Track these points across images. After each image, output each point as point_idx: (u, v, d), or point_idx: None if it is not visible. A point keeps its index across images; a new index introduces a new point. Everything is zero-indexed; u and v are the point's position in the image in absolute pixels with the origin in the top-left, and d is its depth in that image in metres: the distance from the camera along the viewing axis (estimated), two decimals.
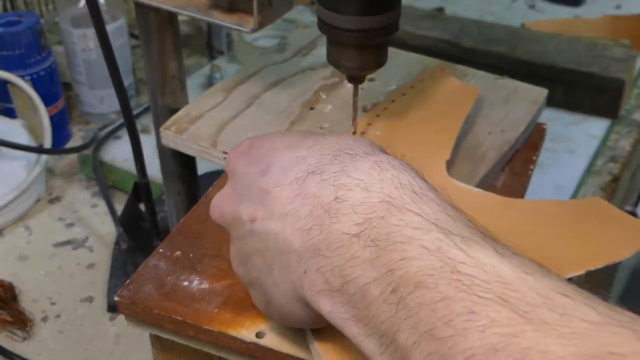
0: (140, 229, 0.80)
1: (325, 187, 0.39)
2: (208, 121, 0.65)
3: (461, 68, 0.75)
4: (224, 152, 0.61)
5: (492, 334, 0.30)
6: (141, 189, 0.75)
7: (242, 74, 0.72)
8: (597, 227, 0.52)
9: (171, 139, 0.64)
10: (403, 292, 0.34)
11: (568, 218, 0.53)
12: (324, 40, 0.76)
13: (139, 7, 0.63)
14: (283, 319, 0.44)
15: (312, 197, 0.39)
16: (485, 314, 0.31)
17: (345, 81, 0.67)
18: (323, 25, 0.55)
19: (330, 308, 0.38)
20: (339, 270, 0.37)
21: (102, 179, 0.95)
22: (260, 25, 0.57)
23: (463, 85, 0.70)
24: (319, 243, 0.38)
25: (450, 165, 0.60)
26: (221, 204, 0.46)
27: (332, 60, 0.57)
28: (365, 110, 0.67)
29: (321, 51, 0.76)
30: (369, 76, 0.60)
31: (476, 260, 0.33)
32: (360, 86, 0.59)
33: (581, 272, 0.47)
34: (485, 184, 0.61)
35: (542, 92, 0.72)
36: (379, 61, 0.57)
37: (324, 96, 0.69)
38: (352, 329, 0.37)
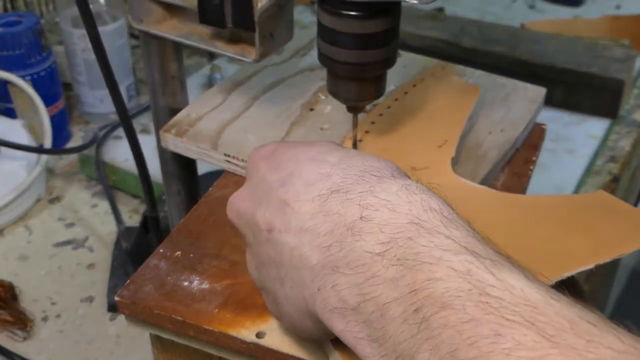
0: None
1: (350, 206, 0.39)
2: (208, 123, 0.65)
3: (459, 67, 0.75)
4: (226, 154, 0.61)
5: (517, 357, 0.30)
6: (150, 222, 0.75)
7: (241, 75, 0.72)
8: (604, 221, 0.52)
9: (171, 142, 0.64)
10: (427, 313, 0.33)
11: (574, 212, 0.53)
12: None
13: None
14: (294, 329, 0.44)
15: (334, 214, 0.39)
16: (512, 337, 0.31)
17: None
18: (322, 57, 0.55)
19: (343, 327, 0.37)
20: (358, 288, 0.36)
21: (104, 178, 0.95)
22: (262, 56, 0.58)
23: (465, 84, 0.71)
24: (338, 260, 0.38)
25: (454, 162, 0.60)
26: (239, 203, 0.46)
27: (331, 90, 0.58)
28: (365, 111, 0.67)
29: None
30: None
31: (505, 283, 0.33)
32: None
33: (590, 266, 0.47)
34: (487, 184, 0.62)
35: (540, 91, 0.72)
36: (377, 93, 0.58)
37: (323, 97, 0.69)
38: (365, 349, 0.36)
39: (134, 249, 0.81)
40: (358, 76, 0.55)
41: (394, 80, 0.71)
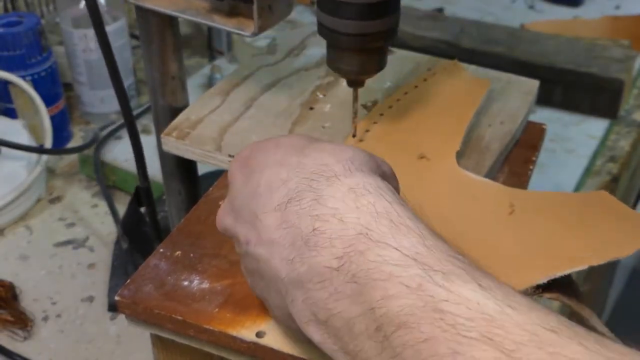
0: (142, 233, 0.81)
1: (303, 218, 0.39)
2: (209, 125, 0.65)
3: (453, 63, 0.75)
4: (230, 155, 0.61)
5: None
6: (142, 193, 0.75)
7: (236, 77, 0.72)
8: (602, 222, 0.52)
9: (173, 145, 0.64)
10: (387, 331, 0.33)
11: (575, 210, 0.54)
12: (313, 40, 0.77)
13: (139, 9, 0.63)
14: (292, 331, 0.44)
15: (292, 227, 0.39)
16: (470, 355, 0.30)
17: (341, 79, 0.68)
18: (323, 29, 0.55)
19: (319, 338, 0.38)
20: (323, 303, 0.37)
21: (103, 179, 0.95)
22: (261, 29, 0.57)
23: (475, 78, 0.71)
24: (302, 275, 0.38)
25: (460, 156, 0.61)
26: (223, 219, 0.46)
27: (331, 64, 0.57)
28: (365, 107, 0.67)
29: (312, 51, 0.76)
30: None
31: (458, 296, 0.33)
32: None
33: (584, 266, 0.47)
34: (491, 175, 0.63)
35: (534, 83, 0.73)
36: (379, 65, 0.57)
37: (321, 96, 0.69)
38: None
39: (127, 222, 0.81)
40: (360, 48, 0.55)
41: (389, 77, 0.71)
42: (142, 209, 0.79)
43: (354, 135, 0.62)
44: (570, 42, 1.15)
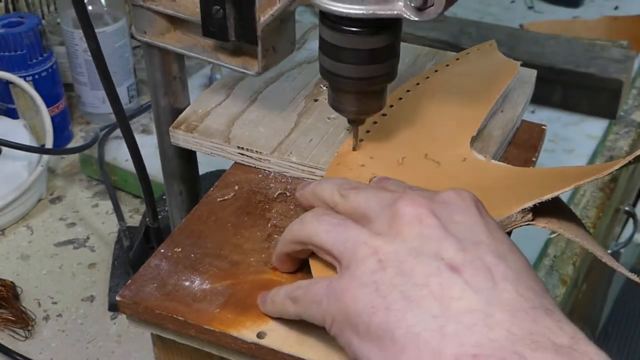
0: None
1: None
2: (216, 118, 0.66)
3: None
4: (239, 147, 0.63)
5: None
6: (152, 233, 0.76)
7: None
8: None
9: (182, 138, 0.65)
10: None
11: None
12: (313, 34, 0.78)
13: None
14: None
15: None
16: None
17: None
18: (324, 71, 0.56)
19: None
20: None
21: (108, 177, 0.95)
22: (264, 68, 0.58)
23: (506, 59, 0.72)
24: None
25: (474, 140, 0.62)
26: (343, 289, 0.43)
27: (332, 104, 0.59)
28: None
29: (313, 45, 0.77)
30: None
31: None
32: None
33: (570, 187, 0.49)
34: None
35: (532, 73, 0.74)
36: (379, 105, 0.59)
37: (324, 88, 0.70)
38: None
39: (136, 259, 0.81)
40: (360, 90, 0.56)
41: None
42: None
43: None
44: (569, 42, 1.15)
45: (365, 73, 0.55)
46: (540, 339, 0.37)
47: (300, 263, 0.51)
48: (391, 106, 0.66)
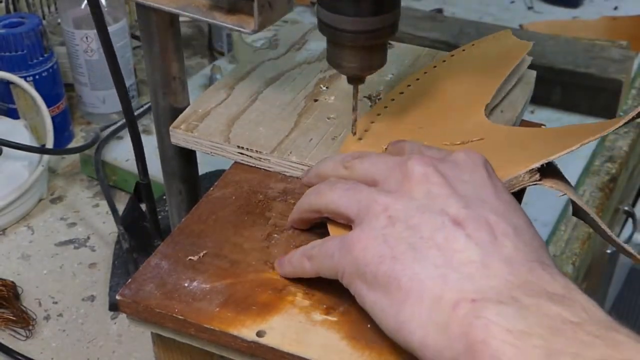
0: (142, 229, 0.81)
1: None
2: (217, 117, 0.66)
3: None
4: (239, 147, 0.62)
5: None
6: (142, 189, 0.76)
7: (240, 71, 0.73)
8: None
9: (182, 138, 0.65)
10: None
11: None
12: (313, 35, 0.78)
13: (140, 8, 0.64)
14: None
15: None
16: None
17: None
18: (323, 26, 0.55)
19: None
20: None
21: (104, 178, 0.96)
22: (261, 26, 0.57)
23: (517, 40, 0.74)
24: None
25: (488, 108, 0.64)
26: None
27: (332, 60, 0.58)
28: (369, 98, 0.69)
29: (313, 45, 0.77)
30: None
31: None
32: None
33: (576, 146, 0.51)
34: None
35: (532, 74, 0.74)
36: (379, 62, 0.58)
37: (324, 88, 0.70)
38: None
39: (127, 218, 0.81)
40: (360, 44, 0.55)
41: (390, 69, 0.73)
42: (142, 205, 0.79)
43: (353, 133, 0.62)
44: (568, 42, 1.16)
45: (365, 26, 0.54)
46: (535, 287, 0.40)
47: (313, 224, 0.55)
48: (401, 93, 0.67)
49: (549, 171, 0.52)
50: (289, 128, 0.65)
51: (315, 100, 0.69)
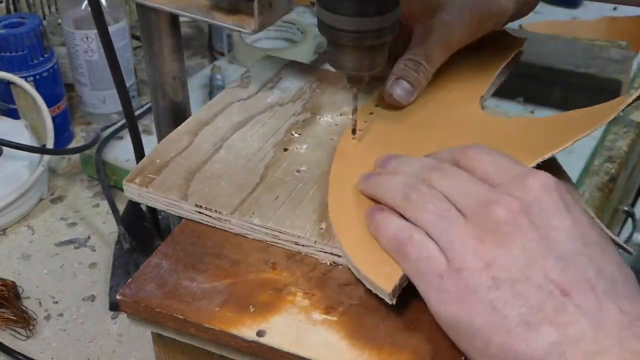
0: (142, 229, 0.81)
1: None
2: (175, 169, 0.60)
3: None
4: (197, 205, 0.57)
5: None
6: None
7: (206, 113, 0.67)
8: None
9: (136, 193, 0.59)
10: None
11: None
12: (288, 71, 0.74)
13: (141, 8, 0.64)
14: None
15: None
16: None
17: (318, 117, 0.67)
18: (323, 27, 0.55)
19: None
20: None
21: (104, 179, 0.96)
22: (261, 26, 0.57)
23: (513, 36, 0.76)
24: None
25: (484, 100, 0.65)
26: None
27: (332, 61, 0.58)
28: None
29: (287, 84, 0.72)
30: None
31: None
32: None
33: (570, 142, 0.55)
34: None
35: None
36: (380, 62, 0.58)
37: (296, 135, 0.65)
38: None
39: (127, 218, 0.81)
40: (360, 45, 0.55)
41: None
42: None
43: (353, 132, 0.62)
44: (568, 43, 1.16)
45: (364, 26, 0.54)
46: None
47: None
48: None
49: (546, 167, 0.52)
50: (254, 183, 0.59)
51: (285, 150, 0.63)
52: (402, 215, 0.51)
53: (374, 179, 0.55)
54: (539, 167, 0.52)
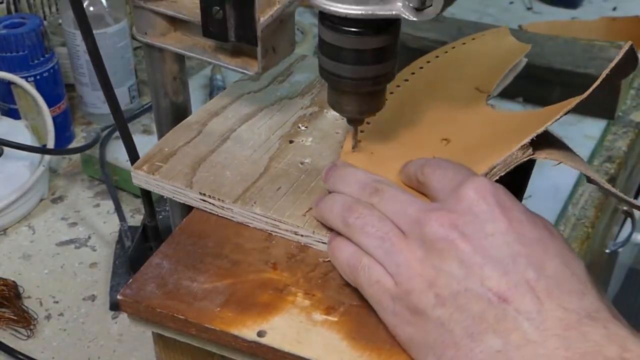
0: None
1: None
2: (182, 158, 0.62)
3: None
4: (201, 193, 0.58)
5: None
6: (150, 231, 0.76)
7: (217, 105, 0.70)
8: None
9: (143, 180, 0.61)
10: None
11: None
12: (299, 66, 0.77)
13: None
14: None
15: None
16: None
17: (325, 110, 0.69)
18: (324, 72, 0.56)
19: None
20: None
21: (109, 177, 0.96)
22: (264, 69, 0.59)
23: (516, 42, 0.76)
24: None
25: (489, 98, 0.66)
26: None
27: (332, 104, 0.59)
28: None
29: (297, 78, 0.74)
30: None
31: None
32: None
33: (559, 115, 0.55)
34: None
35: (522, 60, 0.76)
36: (379, 105, 0.59)
37: (303, 128, 0.67)
38: None
39: (134, 256, 0.81)
40: (360, 90, 0.56)
41: None
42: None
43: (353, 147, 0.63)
44: (568, 43, 1.16)
45: (365, 73, 0.55)
46: (593, 358, 0.41)
47: None
48: (406, 81, 0.69)
49: (544, 143, 0.52)
50: (257, 173, 0.61)
51: (291, 142, 0.65)
52: None
53: (319, 206, 0.55)
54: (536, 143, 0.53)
